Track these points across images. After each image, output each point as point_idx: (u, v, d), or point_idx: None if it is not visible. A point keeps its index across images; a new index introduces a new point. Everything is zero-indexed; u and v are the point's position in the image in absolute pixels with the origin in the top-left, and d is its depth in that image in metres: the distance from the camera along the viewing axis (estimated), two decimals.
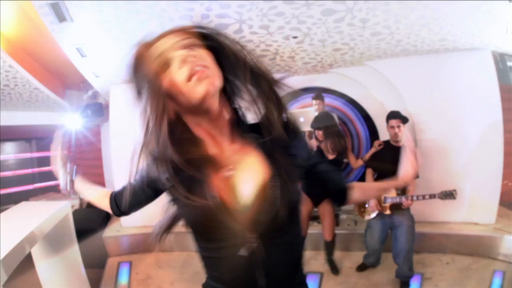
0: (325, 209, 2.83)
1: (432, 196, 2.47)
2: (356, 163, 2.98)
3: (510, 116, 3.23)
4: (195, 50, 0.65)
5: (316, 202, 2.86)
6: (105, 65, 3.15)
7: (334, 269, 2.95)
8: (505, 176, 3.22)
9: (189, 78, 0.62)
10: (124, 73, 0.69)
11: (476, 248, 3.02)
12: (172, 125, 0.68)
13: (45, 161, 4.76)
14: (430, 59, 3.21)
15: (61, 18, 2.24)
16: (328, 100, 3.78)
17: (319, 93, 3.54)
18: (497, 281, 2.66)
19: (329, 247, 2.93)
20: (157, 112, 0.65)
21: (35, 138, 4.69)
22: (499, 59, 3.20)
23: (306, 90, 3.87)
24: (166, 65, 0.64)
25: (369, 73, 3.46)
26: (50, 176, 4.80)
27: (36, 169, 4.66)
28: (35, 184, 4.63)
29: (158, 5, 2.15)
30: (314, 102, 3.46)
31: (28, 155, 4.64)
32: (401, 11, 2.35)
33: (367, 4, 2.20)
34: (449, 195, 2.42)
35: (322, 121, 2.86)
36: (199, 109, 0.66)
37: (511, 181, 3.59)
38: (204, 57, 0.65)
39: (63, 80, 3.95)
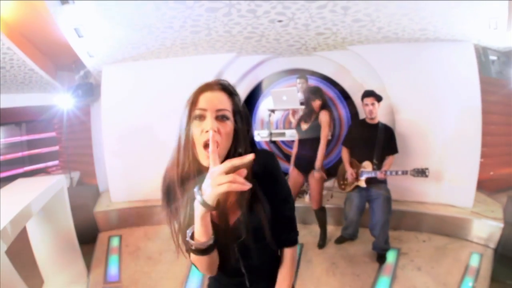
0: (312, 180, 2.87)
1: (404, 172, 2.61)
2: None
3: (490, 108, 3.32)
4: (224, 124, 0.80)
5: (305, 173, 2.92)
6: (100, 45, 3.20)
7: (322, 240, 2.99)
8: (486, 166, 3.34)
9: (204, 146, 0.78)
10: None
11: (452, 229, 3.08)
12: None
13: (35, 143, 4.77)
14: (411, 47, 3.29)
15: (63, 0, 2.33)
16: (311, 81, 3.89)
17: (303, 73, 3.69)
18: (474, 263, 2.69)
19: (318, 216, 2.98)
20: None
21: (25, 121, 4.69)
22: (482, 52, 3.22)
23: (290, 72, 4.01)
24: (202, 117, 0.79)
25: (352, 57, 3.55)
26: (40, 158, 4.84)
27: (26, 152, 4.67)
28: (25, 167, 4.64)
29: None
30: (298, 81, 3.63)
31: (18, 138, 4.64)
32: (381, 1, 2.44)
33: None
34: (421, 172, 2.55)
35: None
36: None
37: (494, 171, 3.74)
38: (228, 130, 0.81)
39: (55, 61, 3.98)
